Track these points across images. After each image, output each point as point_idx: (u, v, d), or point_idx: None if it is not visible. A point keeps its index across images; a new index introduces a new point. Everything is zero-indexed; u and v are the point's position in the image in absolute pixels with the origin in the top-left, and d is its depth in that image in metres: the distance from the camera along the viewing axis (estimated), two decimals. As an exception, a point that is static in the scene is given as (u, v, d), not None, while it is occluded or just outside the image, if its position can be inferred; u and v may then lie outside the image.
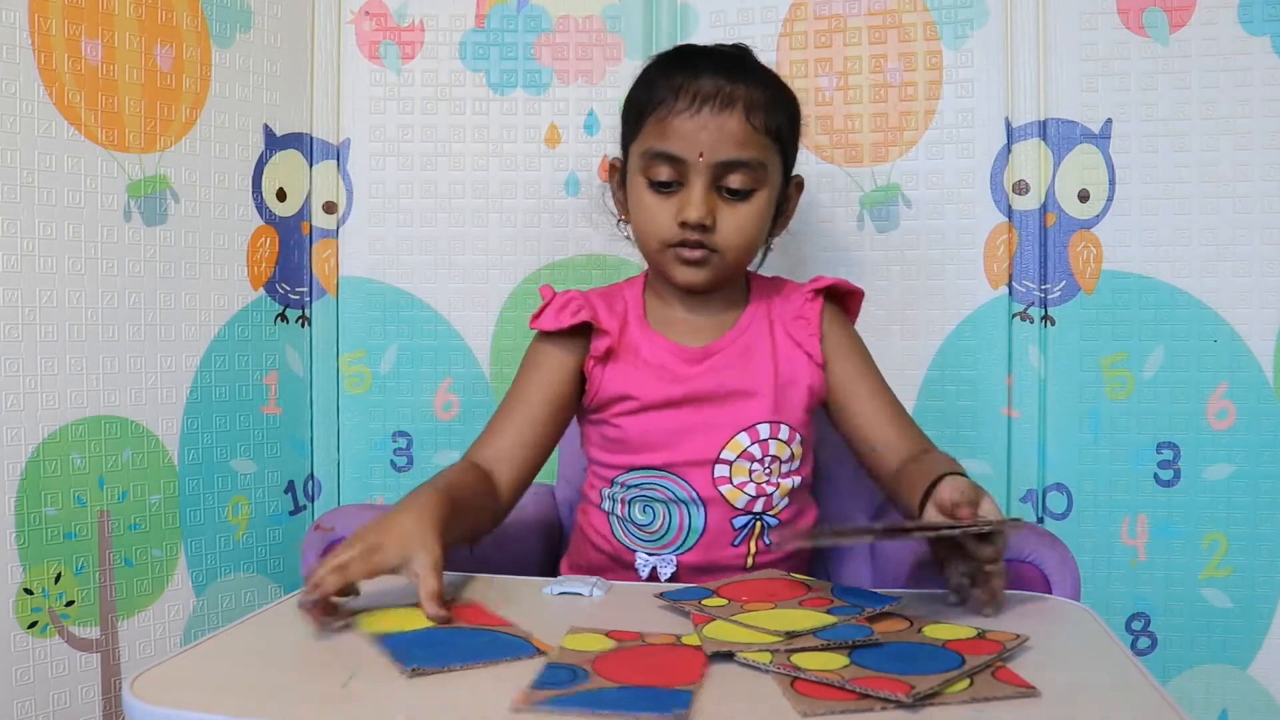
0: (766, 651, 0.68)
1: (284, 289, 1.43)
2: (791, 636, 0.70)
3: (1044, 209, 1.37)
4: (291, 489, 1.45)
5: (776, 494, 1.05)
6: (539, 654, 0.70)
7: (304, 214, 1.45)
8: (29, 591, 1.18)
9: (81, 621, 1.23)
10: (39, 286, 1.19)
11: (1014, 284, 1.38)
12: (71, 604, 1.22)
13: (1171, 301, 1.35)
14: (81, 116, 1.22)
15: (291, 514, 1.45)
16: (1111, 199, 1.36)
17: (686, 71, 1.03)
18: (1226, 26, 1.32)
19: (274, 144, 1.41)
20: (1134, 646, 1.36)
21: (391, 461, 1.47)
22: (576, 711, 0.59)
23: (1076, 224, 1.37)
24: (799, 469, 1.08)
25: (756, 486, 1.05)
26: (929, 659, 0.68)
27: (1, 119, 1.15)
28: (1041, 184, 1.37)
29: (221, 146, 1.35)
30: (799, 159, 1.42)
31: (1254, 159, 1.32)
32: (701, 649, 0.70)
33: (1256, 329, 1.33)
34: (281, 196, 1.42)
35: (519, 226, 1.47)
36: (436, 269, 1.47)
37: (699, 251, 1.03)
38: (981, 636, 0.73)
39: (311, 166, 1.45)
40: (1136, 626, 1.37)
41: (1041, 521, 1.38)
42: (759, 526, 1.06)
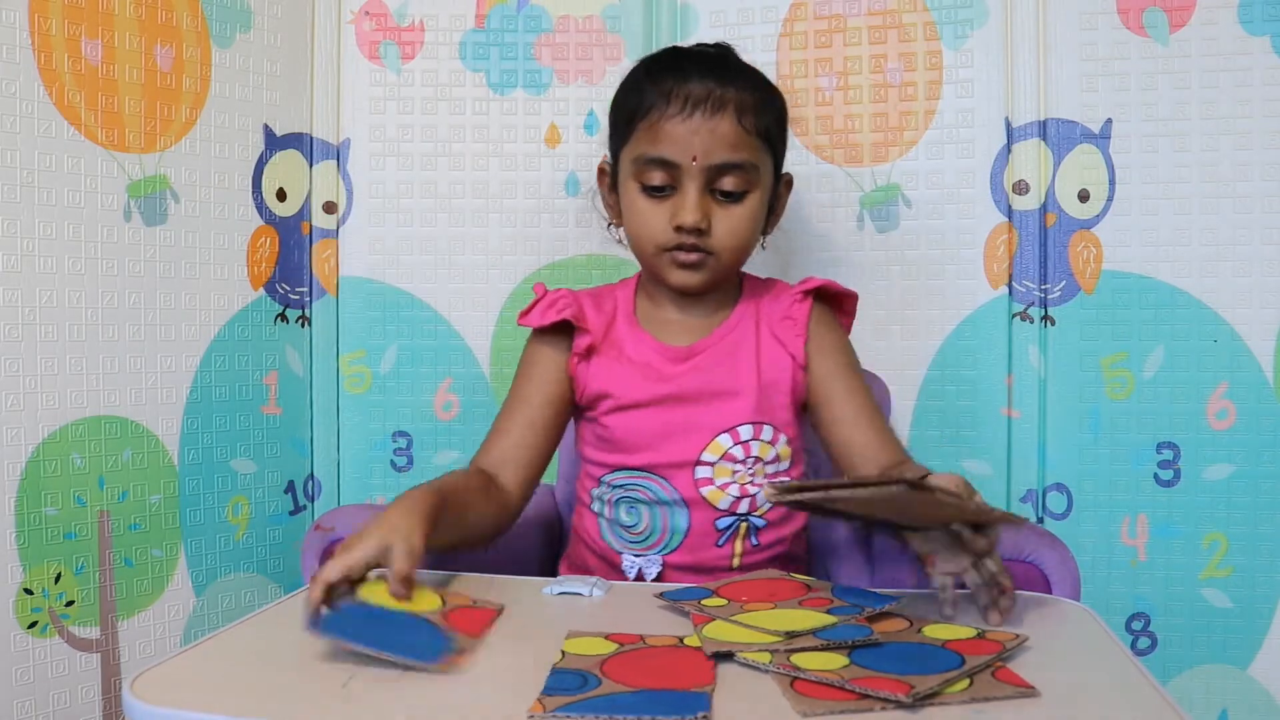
0: (766, 652, 0.68)
1: (284, 289, 1.43)
2: (791, 636, 0.70)
3: (1044, 209, 1.37)
4: (291, 489, 1.45)
5: (760, 495, 1.05)
6: (448, 655, 0.69)
7: (304, 214, 1.45)
8: (29, 591, 1.18)
9: (81, 621, 1.23)
10: (39, 286, 1.19)
11: (1014, 284, 1.38)
12: (71, 604, 1.22)
13: (1171, 301, 1.35)
14: (81, 116, 1.22)
15: (291, 514, 1.45)
16: (1111, 199, 1.36)
17: (675, 75, 1.03)
18: (1226, 26, 1.32)
19: (274, 144, 1.41)
20: (1134, 646, 1.36)
21: (391, 461, 1.47)
22: (595, 717, 0.59)
23: (1076, 224, 1.37)
24: (788, 470, 1.07)
25: (740, 488, 1.04)
26: (929, 659, 0.67)
27: (1, 119, 1.15)
28: (1041, 184, 1.37)
29: (221, 146, 1.35)
30: (801, 160, 1.43)
31: (1254, 159, 1.32)
32: (705, 650, 0.70)
33: (1256, 329, 1.33)
34: (281, 196, 1.42)
35: (519, 226, 1.47)
36: (436, 269, 1.47)
37: (695, 254, 1.03)
38: (981, 636, 0.73)
39: (311, 166, 1.45)
40: (1136, 626, 1.37)
41: (1041, 521, 1.38)
42: (744, 527, 1.06)
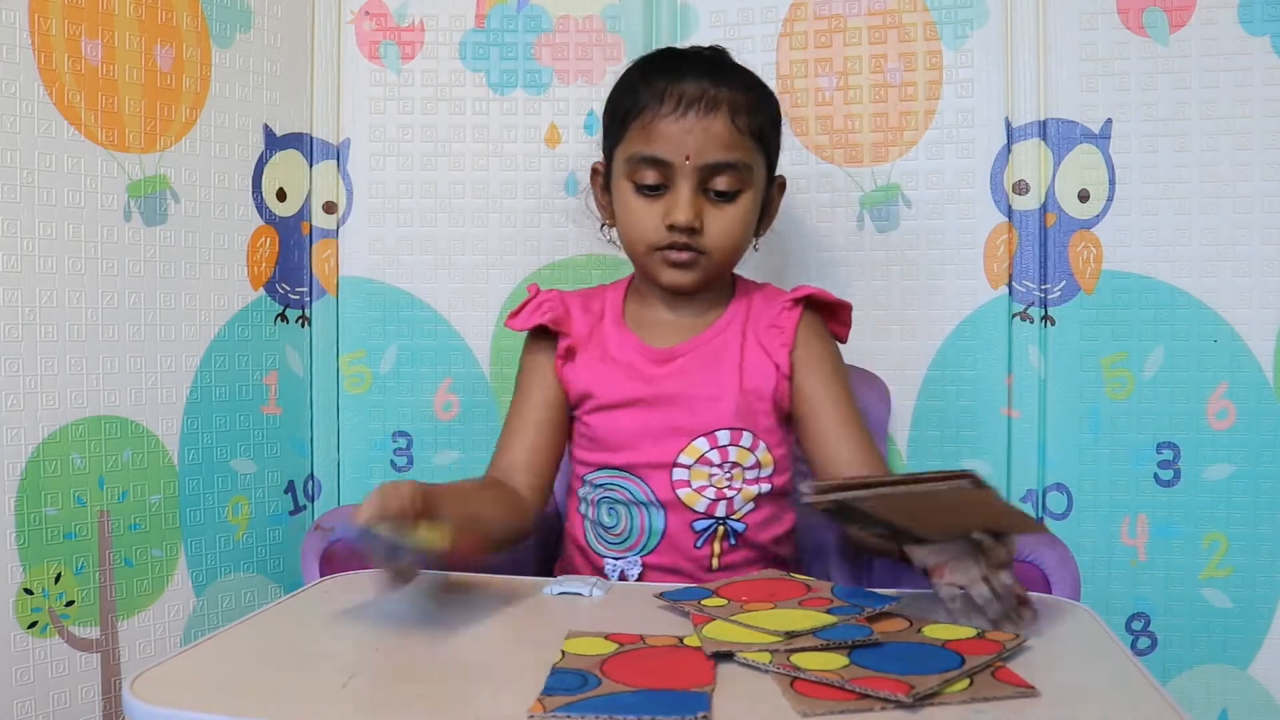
0: (766, 652, 0.68)
1: (284, 289, 1.43)
2: (791, 636, 0.70)
3: (1044, 209, 1.37)
4: (291, 489, 1.45)
5: (739, 499, 1.05)
6: None
7: (304, 214, 1.45)
8: (29, 591, 1.18)
9: (81, 621, 1.23)
10: (39, 286, 1.19)
11: (1014, 284, 1.38)
12: (71, 604, 1.22)
13: (1171, 301, 1.35)
14: (81, 116, 1.22)
15: (291, 514, 1.45)
16: (1111, 199, 1.36)
17: (669, 75, 1.03)
18: (1226, 26, 1.32)
19: (274, 144, 1.41)
20: (1134, 646, 1.36)
21: (391, 461, 1.47)
22: (595, 717, 0.59)
23: (1076, 224, 1.37)
24: (770, 476, 1.07)
25: (716, 491, 1.04)
26: (929, 659, 0.67)
27: (1, 119, 1.15)
28: (1041, 184, 1.37)
29: (221, 146, 1.35)
30: (801, 160, 1.43)
31: (1254, 159, 1.32)
32: (705, 650, 0.70)
33: (1256, 329, 1.33)
34: (281, 196, 1.42)
35: (519, 226, 1.47)
36: (436, 269, 1.47)
37: (687, 254, 1.03)
38: (981, 636, 0.73)
39: (311, 166, 1.45)
40: (1136, 626, 1.37)
41: (1041, 521, 1.38)
42: (722, 530, 1.06)
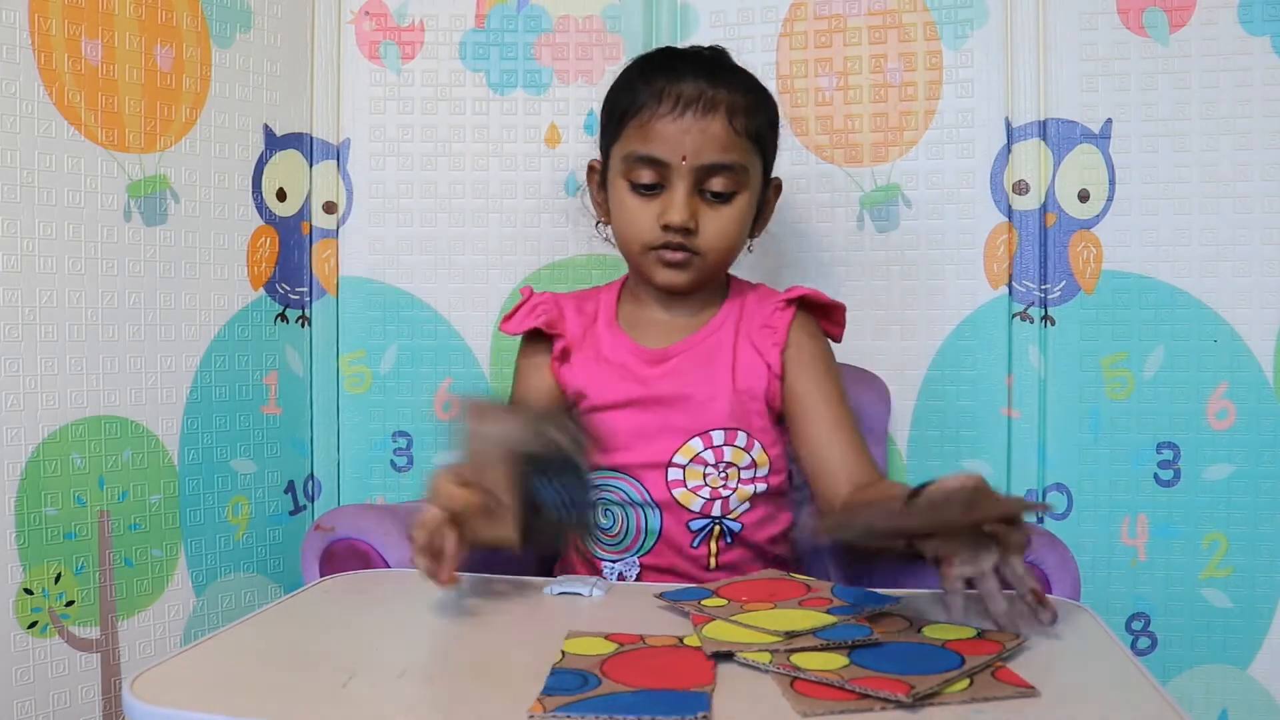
0: (766, 652, 0.68)
1: (284, 289, 1.43)
2: (791, 636, 0.70)
3: (1044, 209, 1.37)
4: (291, 489, 1.45)
5: (735, 498, 1.05)
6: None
7: (304, 214, 1.45)
8: (29, 591, 1.18)
9: (81, 621, 1.23)
10: (39, 286, 1.19)
11: (1014, 284, 1.38)
12: (71, 604, 1.22)
13: (1171, 301, 1.35)
14: (81, 116, 1.22)
15: (291, 514, 1.45)
16: (1111, 199, 1.36)
17: (668, 75, 1.03)
18: (1226, 26, 1.32)
19: (274, 144, 1.41)
20: (1134, 646, 1.36)
21: (391, 461, 1.47)
22: (595, 717, 0.59)
23: (1076, 224, 1.37)
24: (766, 476, 1.07)
25: (711, 490, 1.05)
26: (929, 659, 0.67)
27: (1, 119, 1.15)
28: (1041, 184, 1.37)
29: (221, 146, 1.35)
30: (801, 160, 1.43)
31: (1254, 159, 1.32)
32: (704, 650, 0.70)
33: (1256, 329, 1.33)
34: (281, 196, 1.42)
35: (519, 226, 1.47)
36: (436, 269, 1.47)
37: (681, 254, 1.04)
38: (981, 636, 0.73)
39: (311, 166, 1.45)
40: (1136, 626, 1.37)
41: (1041, 521, 1.38)
42: (718, 529, 1.06)
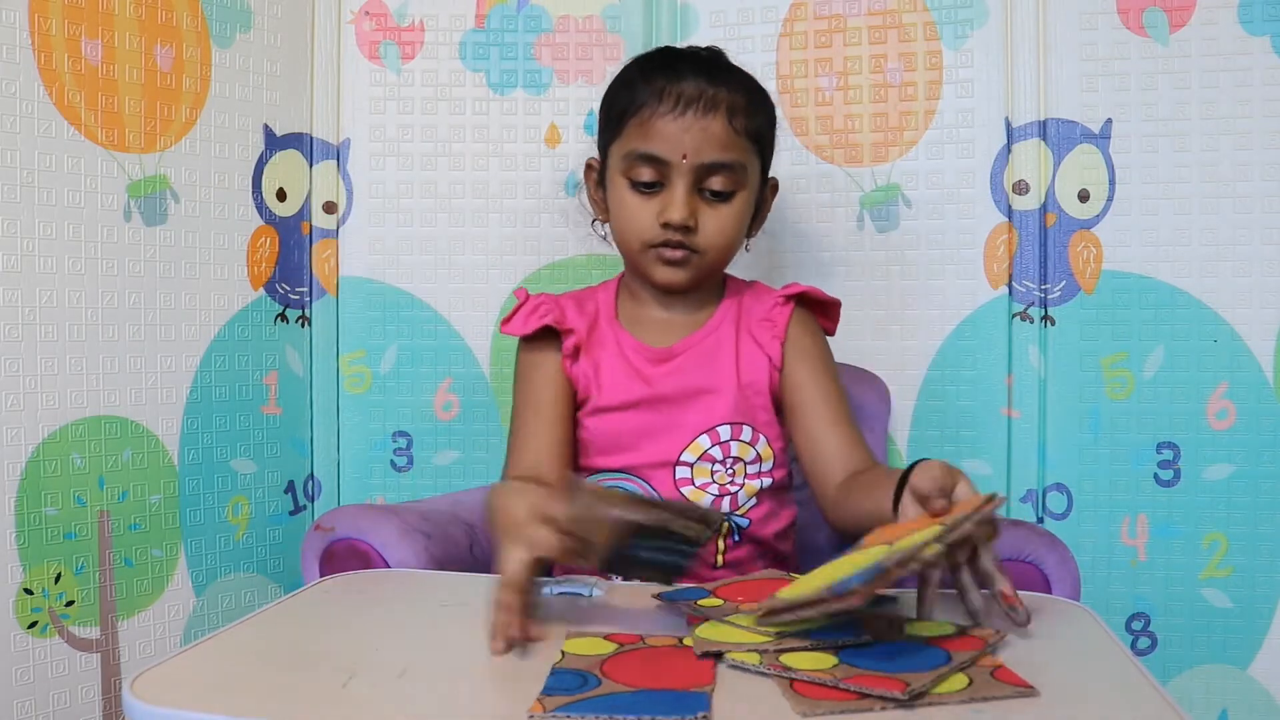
0: (755, 652, 0.68)
1: (284, 289, 1.43)
2: (781, 637, 0.70)
3: (1044, 209, 1.37)
4: (291, 489, 1.45)
5: (742, 494, 1.06)
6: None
7: (304, 214, 1.45)
8: (29, 591, 1.18)
9: (81, 621, 1.23)
10: (39, 286, 1.19)
11: (1014, 284, 1.38)
12: (71, 604, 1.22)
13: (1171, 301, 1.35)
14: (81, 116, 1.22)
15: (291, 514, 1.45)
16: (1111, 199, 1.36)
17: (668, 74, 1.03)
18: (1226, 26, 1.32)
19: (274, 144, 1.41)
20: (1134, 646, 1.36)
21: (391, 461, 1.47)
22: (595, 717, 0.59)
23: (1076, 224, 1.37)
24: (770, 471, 1.07)
25: (719, 487, 1.05)
26: (917, 656, 0.68)
27: (1, 119, 1.15)
28: (1041, 184, 1.37)
29: (221, 146, 1.35)
30: (801, 160, 1.43)
31: (1254, 159, 1.32)
32: (695, 650, 0.70)
33: (1256, 329, 1.33)
34: (281, 196, 1.42)
35: (519, 226, 1.47)
36: (436, 269, 1.47)
37: (680, 252, 1.04)
38: (961, 633, 0.73)
39: (311, 166, 1.45)
40: (1136, 626, 1.37)
41: (1041, 521, 1.38)
42: (726, 526, 1.06)
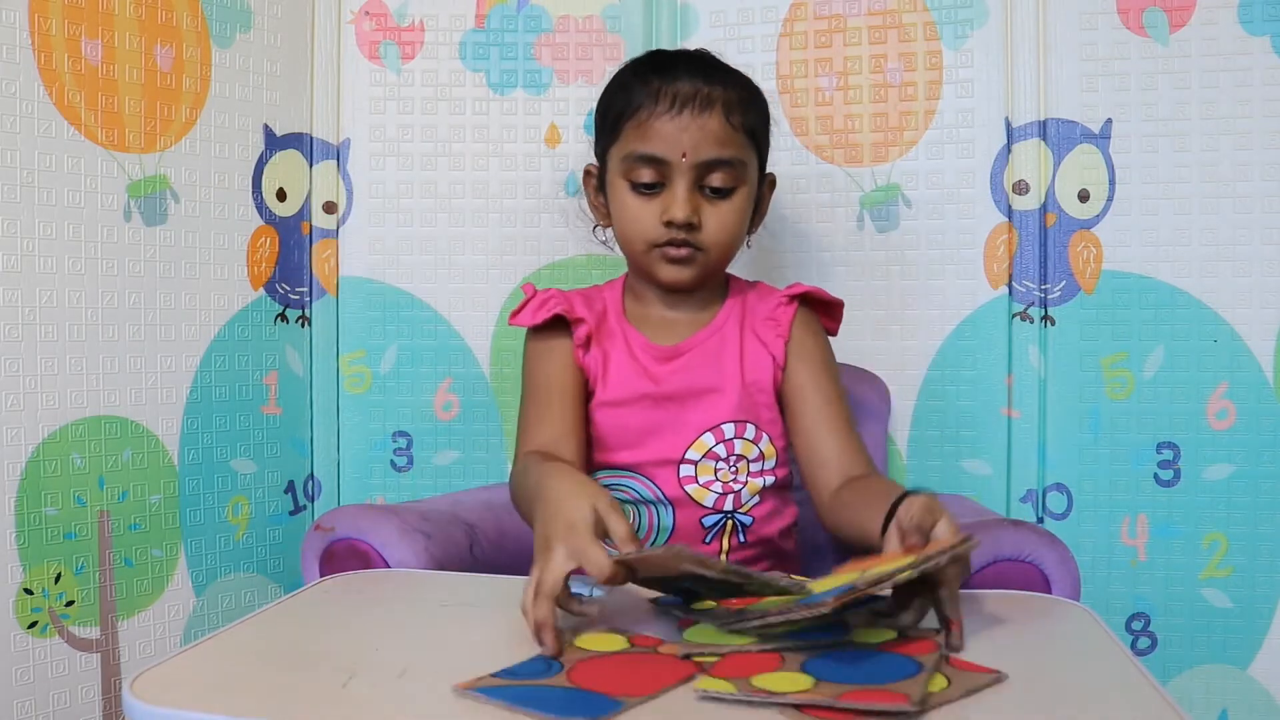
0: (727, 681, 0.64)
1: (284, 289, 1.43)
2: (765, 639, 0.70)
3: (1044, 209, 1.37)
4: (291, 489, 1.45)
5: (745, 492, 1.06)
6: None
7: (304, 214, 1.45)
8: (29, 591, 1.18)
9: (81, 621, 1.23)
10: (39, 286, 1.19)
11: (1014, 284, 1.38)
12: (71, 604, 1.22)
13: (1171, 301, 1.35)
14: (81, 116, 1.22)
15: (291, 514, 1.45)
16: (1111, 199, 1.36)
17: (663, 75, 1.04)
18: (1226, 26, 1.32)
19: (274, 144, 1.41)
20: (1134, 646, 1.36)
21: (391, 461, 1.47)
22: (500, 704, 0.60)
23: (1076, 224, 1.37)
24: (773, 469, 1.08)
25: (723, 485, 1.05)
26: (881, 664, 0.66)
27: (1, 119, 1.15)
28: (1041, 184, 1.37)
29: (221, 146, 1.35)
30: (801, 160, 1.43)
31: (1254, 159, 1.32)
32: (701, 662, 0.68)
33: (1256, 329, 1.33)
34: (281, 196, 1.42)
35: (519, 226, 1.47)
36: (436, 269, 1.47)
37: (684, 250, 1.04)
38: (906, 638, 0.71)
39: (311, 166, 1.45)
40: (1136, 626, 1.37)
41: (1041, 521, 1.38)
42: (730, 524, 1.06)
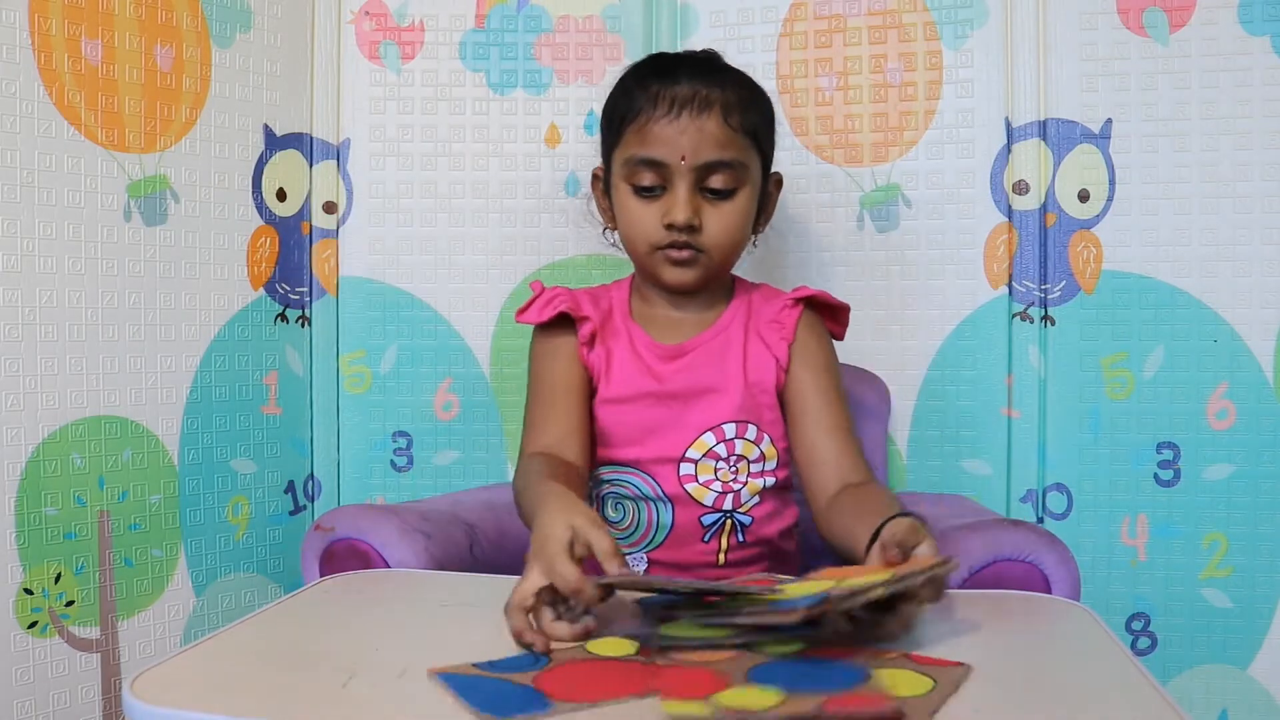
0: (698, 703, 0.62)
1: (284, 289, 1.43)
2: (738, 633, 0.70)
3: (1044, 209, 1.37)
4: (291, 489, 1.45)
5: (745, 492, 1.06)
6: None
7: (304, 214, 1.45)
8: (29, 591, 1.18)
9: (81, 621, 1.23)
10: (39, 286, 1.19)
11: (1014, 284, 1.38)
12: (71, 604, 1.22)
13: (1171, 301, 1.35)
14: (81, 116, 1.22)
15: (291, 514, 1.45)
16: (1111, 199, 1.36)
17: (662, 78, 1.05)
18: (1226, 26, 1.32)
19: (274, 144, 1.41)
20: (1134, 646, 1.36)
21: (391, 461, 1.47)
22: (452, 693, 0.62)
23: (1076, 224, 1.37)
24: (774, 470, 1.08)
25: (723, 484, 1.06)
26: (833, 672, 0.65)
27: (1, 119, 1.15)
28: (1041, 184, 1.37)
29: (221, 146, 1.35)
30: (801, 160, 1.43)
31: (1254, 159, 1.32)
32: (701, 672, 0.67)
33: (1256, 329, 1.33)
34: (281, 196, 1.42)
35: (519, 226, 1.47)
36: (436, 269, 1.47)
37: (686, 252, 1.05)
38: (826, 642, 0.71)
39: (311, 166, 1.45)
40: (1136, 626, 1.37)
41: (1041, 521, 1.38)
42: (729, 524, 1.07)
